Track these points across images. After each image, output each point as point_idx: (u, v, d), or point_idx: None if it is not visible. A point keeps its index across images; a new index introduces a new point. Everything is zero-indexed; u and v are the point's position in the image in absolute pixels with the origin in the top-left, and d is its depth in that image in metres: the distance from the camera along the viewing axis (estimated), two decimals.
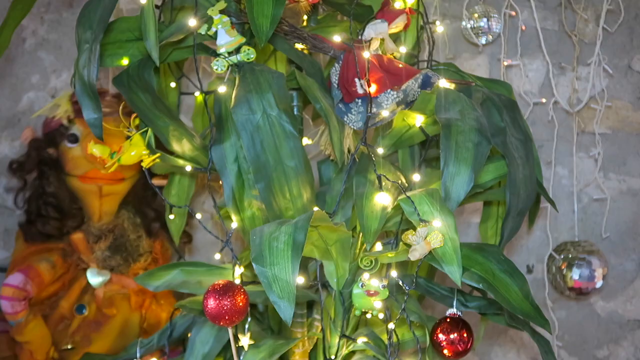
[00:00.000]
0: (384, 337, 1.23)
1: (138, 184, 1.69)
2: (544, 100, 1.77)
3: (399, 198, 1.11)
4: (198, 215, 1.22)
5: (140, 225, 1.70)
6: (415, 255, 1.05)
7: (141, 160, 1.19)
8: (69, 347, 1.60)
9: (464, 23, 1.72)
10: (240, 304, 1.06)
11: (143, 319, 1.68)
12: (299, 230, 0.98)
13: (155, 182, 1.48)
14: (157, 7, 1.21)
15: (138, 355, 1.39)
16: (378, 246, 1.19)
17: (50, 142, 1.66)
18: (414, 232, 1.05)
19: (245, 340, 1.21)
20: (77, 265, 1.63)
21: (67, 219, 1.64)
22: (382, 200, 1.14)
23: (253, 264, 0.97)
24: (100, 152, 1.19)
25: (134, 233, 1.68)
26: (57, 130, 1.65)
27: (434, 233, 1.04)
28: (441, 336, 1.15)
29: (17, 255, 1.63)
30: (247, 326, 1.27)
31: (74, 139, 1.62)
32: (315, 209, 1.09)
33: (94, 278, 1.61)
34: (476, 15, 1.69)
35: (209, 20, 1.18)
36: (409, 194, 1.10)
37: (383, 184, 1.15)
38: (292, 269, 0.96)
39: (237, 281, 1.16)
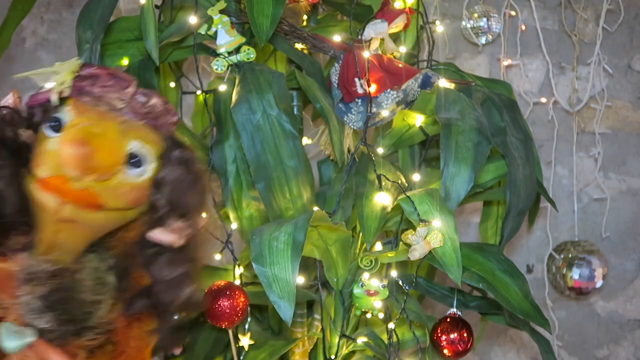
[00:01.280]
0: (384, 337, 1.23)
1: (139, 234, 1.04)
2: (543, 100, 1.77)
3: (399, 198, 1.11)
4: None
5: (111, 289, 1.05)
6: (415, 255, 1.04)
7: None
8: None
9: (464, 23, 1.72)
10: (240, 305, 1.06)
11: None
12: (299, 230, 0.98)
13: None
14: (157, 7, 1.21)
15: None
16: (378, 246, 1.19)
17: (29, 120, 1.08)
18: (413, 232, 1.05)
19: (245, 341, 1.20)
20: None
21: (6, 231, 1.04)
22: (382, 200, 1.14)
23: (253, 264, 0.97)
24: None
25: (94, 293, 1.05)
26: (40, 106, 1.09)
27: (433, 233, 1.04)
28: (441, 336, 1.15)
29: None
30: (247, 326, 1.27)
31: (57, 126, 1.01)
32: (315, 208, 1.09)
33: (9, 339, 1.00)
34: (476, 15, 1.69)
35: (209, 20, 1.18)
36: (409, 193, 1.10)
37: (383, 183, 1.15)
38: (292, 269, 0.96)
39: (237, 282, 1.16)
